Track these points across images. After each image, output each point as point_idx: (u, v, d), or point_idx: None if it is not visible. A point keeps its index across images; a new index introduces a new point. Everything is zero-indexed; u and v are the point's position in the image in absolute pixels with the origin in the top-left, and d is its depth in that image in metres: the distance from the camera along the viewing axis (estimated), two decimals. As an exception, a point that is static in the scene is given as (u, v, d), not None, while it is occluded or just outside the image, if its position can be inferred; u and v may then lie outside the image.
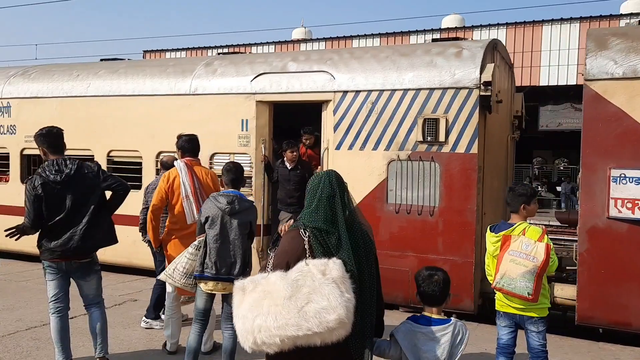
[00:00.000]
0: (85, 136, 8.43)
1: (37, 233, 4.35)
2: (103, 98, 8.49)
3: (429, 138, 6.49)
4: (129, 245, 7.29)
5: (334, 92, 7.08)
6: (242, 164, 4.66)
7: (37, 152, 5.06)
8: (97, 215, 4.37)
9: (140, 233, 5.77)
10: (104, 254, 4.70)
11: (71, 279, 4.51)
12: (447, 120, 6.42)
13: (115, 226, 4.62)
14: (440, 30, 20.92)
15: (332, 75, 7.14)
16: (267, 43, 24.10)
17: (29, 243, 4.72)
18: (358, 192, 6.49)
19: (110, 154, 8.44)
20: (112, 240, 4.56)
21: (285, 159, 7.40)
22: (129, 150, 8.35)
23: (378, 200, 6.74)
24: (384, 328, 2.91)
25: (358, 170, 6.77)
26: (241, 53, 9.69)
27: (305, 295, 2.28)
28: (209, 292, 4.34)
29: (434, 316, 2.88)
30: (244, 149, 7.54)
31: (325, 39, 23.19)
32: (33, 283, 7.36)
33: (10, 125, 9.20)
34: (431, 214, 6.51)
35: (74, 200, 4.27)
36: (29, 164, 9.34)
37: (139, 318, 5.97)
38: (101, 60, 9.86)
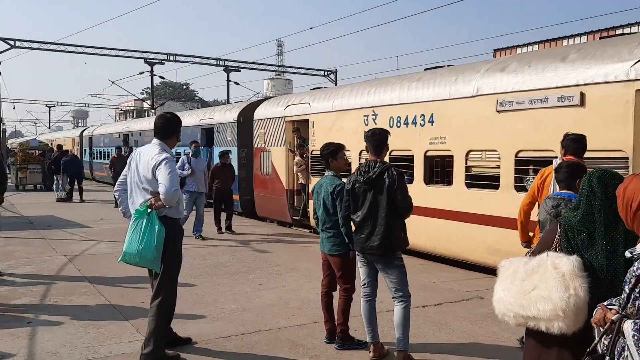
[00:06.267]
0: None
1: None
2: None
3: None
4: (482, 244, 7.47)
5: None
6: None
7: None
8: (389, 219, 4.64)
9: None
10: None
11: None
12: None
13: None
14: None
15: None
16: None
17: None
18: None
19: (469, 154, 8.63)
20: (403, 243, 4.75)
21: None
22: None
23: None
24: None
25: None
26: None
27: (534, 281, 2.51)
28: None
29: None
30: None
31: None
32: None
33: None
34: None
35: (372, 201, 4.70)
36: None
37: (484, 315, 6.10)
38: (425, 69, 10.28)
